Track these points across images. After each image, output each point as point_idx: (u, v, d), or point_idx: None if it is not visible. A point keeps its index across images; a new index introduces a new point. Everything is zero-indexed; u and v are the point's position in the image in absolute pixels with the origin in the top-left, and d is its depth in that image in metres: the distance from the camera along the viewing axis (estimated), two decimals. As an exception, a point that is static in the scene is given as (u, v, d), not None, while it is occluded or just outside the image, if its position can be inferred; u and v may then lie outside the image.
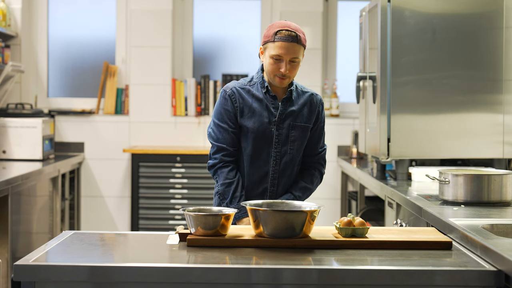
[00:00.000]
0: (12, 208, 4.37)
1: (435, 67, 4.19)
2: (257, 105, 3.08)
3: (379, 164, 4.51)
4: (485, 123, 4.19)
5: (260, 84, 3.10)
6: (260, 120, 3.07)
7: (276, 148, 3.08)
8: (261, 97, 3.08)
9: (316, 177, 3.22)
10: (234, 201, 3.05)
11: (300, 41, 3.02)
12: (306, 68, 6.05)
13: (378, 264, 2.27)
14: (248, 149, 3.08)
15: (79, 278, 2.14)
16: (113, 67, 6.12)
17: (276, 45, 2.98)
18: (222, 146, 3.09)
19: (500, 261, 2.11)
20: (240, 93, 3.09)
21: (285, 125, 3.09)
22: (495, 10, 4.17)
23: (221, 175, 3.09)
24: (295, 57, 3.00)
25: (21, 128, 5.41)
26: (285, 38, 2.98)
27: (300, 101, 3.13)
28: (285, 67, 2.99)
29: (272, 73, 3.02)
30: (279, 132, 3.08)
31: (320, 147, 3.22)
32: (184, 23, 6.25)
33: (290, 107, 3.10)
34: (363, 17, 4.72)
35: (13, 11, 5.90)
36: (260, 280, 2.14)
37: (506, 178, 3.16)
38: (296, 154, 3.12)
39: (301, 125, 3.10)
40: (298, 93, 3.15)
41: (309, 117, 3.13)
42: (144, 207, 5.78)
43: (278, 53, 2.98)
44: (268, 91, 3.08)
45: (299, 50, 3.02)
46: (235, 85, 3.13)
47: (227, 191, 3.06)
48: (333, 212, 6.00)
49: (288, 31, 2.99)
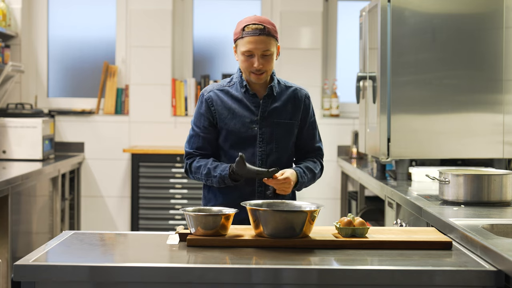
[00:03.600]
0: (12, 208, 4.36)
1: (435, 67, 4.19)
2: (237, 106, 3.00)
3: (379, 164, 4.51)
4: (485, 123, 4.19)
5: (239, 83, 3.02)
6: (241, 120, 2.98)
7: (261, 147, 2.99)
8: (240, 97, 3.00)
9: (318, 165, 3.11)
10: (216, 169, 2.95)
11: (269, 33, 2.91)
12: (306, 68, 6.05)
13: (378, 264, 2.28)
14: (232, 151, 3.00)
15: (79, 278, 2.14)
16: (113, 67, 6.12)
17: (245, 41, 2.90)
18: (190, 151, 3.05)
19: (500, 261, 2.11)
20: (218, 96, 3.02)
21: (268, 123, 3.00)
22: (495, 10, 4.17)
23: (195, 166, 3.02)
24: (266, 49, 2.90)
25: (21, 128, 5.41)
26: (252, 32, 2.89)
27: (283, 97, 3.04)
28: (258, 61, 2.90)
29: (247, 70, 2.95)
30: (262, 131, 2.99)
31: (316, 142, 3.13)
32: (184, 23, 6.25)
33: (273, 104, 3.01)
34: (363, 17, 4.72)
35: (13, 11, 5.90)
36: (260, 280, 2.14)
37: (506, 178, 3.16)
38: (282, 152, 3.02)
39: (285, 122, 3.02)
40: (281, 88, 3.05)
41: (294, 113, 3.04)
42: (144, 207, 5.78)
43: (248, 49, 2.89)
44: (247, 90, 3.00)
45: (269, 42, 2.91)
46: (213, 88, 3.05)
47: (207, 168, 2.96)
48: (333, 212, 6.00)
49: (255, 24, 2.90)
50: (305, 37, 6.06)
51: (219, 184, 2.98)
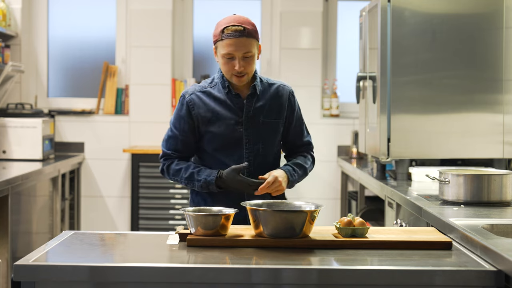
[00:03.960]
0: (12, 208, 4.36)
1: (435, 67, 4.19)
2: (221, 108, 2.92)
3: (379, 164, 4.51)
4: (485, 123, 4.19)
5: (221, 84, 2.94)
6: (225, 123, 2.90)
7: (248, 148, 2.92)
8: (223, 98, 2.92)
9: (309, 159, 3.05)
10: (200, 173, 2.88)
11: (250, 34, 2.84)
12: (306, 68, 6.05)
13: (378, 264, 2.27)
14: (218, 155, 2.93)
15: (79, 278, 2.14)
16: (113, 67, 6.12)
17: (225, 43, 2.82)
18: (167, 152, 2.97)
19: (500, 261, 2.11)
20: (201, 98, 2.93)
21: (253, 123, 2.92)
22: (495, 10, 4.17)
23: (174, 168, 2.95)
24: (247, 51, 2.83)
25: (21, 128, 5.41)
26: (232, 34, 2.82)
27: (267, 95, 2.96)
28: (239, 64, 2.82)
29: (228, 73, 2.87)
30: (248, 132, 2.92)
31: (304, 137, 3.06)
32: (184, 23, 6.25)
33: (257, 103, 2.94)
34: (363, 17, 4.72)
35: (13, 11, 5.90)
36: (260, 280, 2.14)
37: (506, 178, 3.15)
38: (269, 152, 2.96)
39: (271, 121, 2.95)
40: (264, 86, 2.98)
41: (279, 111, 2.97)
42: (144, 207, 5.77)
43: (228, 51, 2.82)
44: (230, 90, 2.92)
45: (250, 43, 2.83)
46: (195, 89, 2.96)
47: (190, 172, 2.89)
48: (333, 212, 6.00)
49: (234, 26, 2.83)
50: (305, 37, 6.06)
51: (202, 189, 2.90)
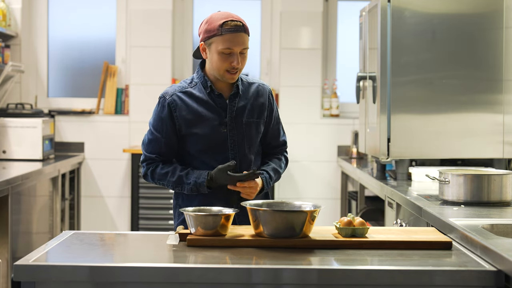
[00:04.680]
0: (12, 208, 4.36)
1: (435, 67, 4.19)
2: (203, 109, 2.84)
3: (379, 164, 4.51)
4: (485, 123, 4.19)
5: (202, 84, 2.87)
6: (209, 124, 2.83)
7: (233, 149, 2.86)
8: (206, 99, 2.85)
9: (283, 162, 3.04)
10: (189, 176, 2.81)
11: (246, 31, 2.81)
12: (306, 68, 6.05)
13: (378, 264, 2.27)
14: (202, 157, 2.85)
15: (79, 278, 2.14)
16: (113, 67, 6.12)
17: (224, 38, 2.75)
18: (151, 156, 2.88)
19: (500, 261, 2.11)
20: (182, 99, 2.84)
21: (237, 123, 2.86)
22: (495, 10, 4.16)
23: (159, 172, 2.87)
24: (245, 47, 2.78)
25: (21, 128, 5.41)
26: (233, 29, 2.76)
27: (248, 94, 2.91)
28: (237, 59, 2.76)
29: (222, 69, 2.79)
30: (232, 133, 2.86)
31: (281, 137, 3.04)
32: (184, 23, 6.25)
33: (240, 103, 2.88)
34: (363, 17, 4.72)
35: (13, 11, 5.90)
36: (260, 280, 2.14)
37: (506, 178, 3.15)
38: (253, 152, 2.91)
39: (254, 121, 2.90)
40: (245, 86, 2.92)
41: (261, 110, 2.92)
42: (144, 207, 5.77)
43: (228, 46, 2.75)
44: (212, 90, 2.85)
45: (247, 39, 2.80)
46: (175, 90, 2.87)
47: (178, 175, 2.82)
48: (333, 212, 6.00)
49: (233, 21, 2.77)
50: (305, 37, 6.06)
51: (191, 191, 2.83)
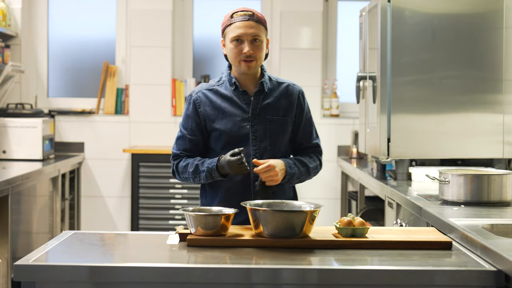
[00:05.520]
0: (12, 208, 4.36)
1: (435, 67, 4.19)
2: (227, 105, 2.92)
3: (379, 164, 4.51)
4: (485, 123, 4.18)
5: (228, 81, 2.95)
6: (232, 119, 2.90)
7: (255, 145, 2.90)
8: (230, 95, 2.93)
9: (315, 161, 3.03)
10: (204, 163, 2.88)
11: (259, 20, 2.86)
12: (306, 68, 6.05)
13: (378, 264, 2.27)
14: (224, 153, 2.87)
15: (79, 278, 2.14)
16: (113, 67, 6.12)
17: (234, 26, 2.85)
18: (177, 152, 2.98)
19: (500, 261, 2.11)
20: (207, 96, 2.94)
21: (261, 120, 2.91)
22: (495, 10, 4.16)
23: (181, 165, 2.94)
24: (256, 35, 2.84)
25: (21, 128, 5.41)
26: (241, 17, 2.85)
27: (275, 93, 2.96)
28: (248, 46, 2.82)
29: (236, 59, 2.86)
30: (255, 128, 2.91)
31: (313, 139, 3.05)
32: (184, 23, 6.25)
33: (265, 100, 2.93)
34: (363, 17, 4.72)
35: (13, 11, 5.90)
36: (260, 280, 2.14)
37: (506, 178, 3.15)
38: (277, 150, 2.93)
39: (278, 118, 2.93)
40: (273, 84, 2.98)
41: (288, 109, 2.96)
42: (144, 207, 5.78)
43: (237, 34, 2.84)
44: (236, 87, 2.92)
45: (259, 29, 2.86)
46: (202, 88, 2.97)
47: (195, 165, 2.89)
48: (333, 212, 6.00)
49: (243, 11, 2.87)
50: (305, 37, 6.06)
51: (206, 179, 2.90)
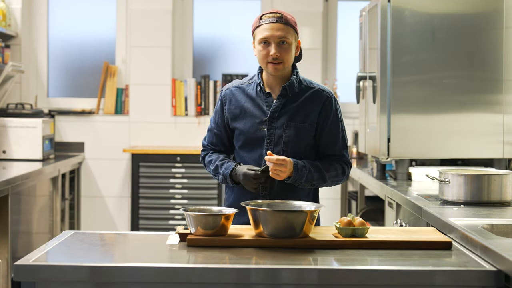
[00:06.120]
0: (12, 208, 4.36)
1: (435, 67, 4.19)
2: (250, 105, 2.91)
3: (379, 164, 4.51)
4: (485, 123, 4.18)
5: (256, 82, 2.95)
6: (251, 120, 2.89)
7: (268, 149, 2.85)
8: (254, 96, 2.92)
9: (337, 168, 2.89)
10: (222, 166, 2.90)
11: (287, 22, 2.84)
12: (306, 68, 6.04)
13: (378, 264, 2.27)
14: (241, 152, 2.92)
15: (79, 278, 2.14)
16: (113, 67, 6.12)
17: (262, 28, 2.84)
18: (205, 143, 3.05)
19: (500, 261, 2.11)
20: (234, 94, 2.95)
21: (278, 124, 2.86)
22: (495, 10, 4.16)
23: (207, 159, 3.00)
24: (283, 37, 2.81)
25: (21, 128, 5.41)
26: (270, 19, 2.84)
27: (301, 97, 2.89)
28: (275, 49, 2.80)
29: (264, 60, 2.84)
30: (270, 132, 2.86)
31: (338, 149, 2.91)
32: (184, 23, 6.25)
33: (288, 104, 2.88)
34: (363, 17, 4.72)
35: (13, 11, 5.90)
36: (260, 280, 2.14)
37: (506, 178, 3.15)
38: (293, 156, 2.82)
39: (297, 124, 2.86)
40: (301, 88, 2.90)
41: (310, 115, 2.88)
42: (144, 207, 5.78)
43: (264, 36, 2.81)
44: (261, 88, 2.90)
45: (287, 31, 2.83)
46: (232, 85, 3.00)
47: (216, 164, 2.93)
48: (333, 212, 6.00)
49: (272, 13, 2.86)
50: (305, 37, 6.06)
51: (222, 182, 2.94)
